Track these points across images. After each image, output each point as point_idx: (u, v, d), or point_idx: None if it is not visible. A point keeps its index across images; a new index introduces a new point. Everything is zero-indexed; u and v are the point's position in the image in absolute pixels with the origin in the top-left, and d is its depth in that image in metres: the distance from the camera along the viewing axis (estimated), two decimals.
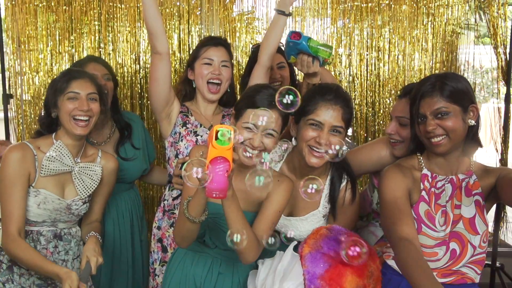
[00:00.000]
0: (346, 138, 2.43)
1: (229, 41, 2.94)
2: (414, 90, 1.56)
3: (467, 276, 1.54)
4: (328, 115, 1.61)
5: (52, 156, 1.74)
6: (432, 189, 1.55)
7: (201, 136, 2.02)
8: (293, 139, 1.78)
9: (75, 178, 1.78)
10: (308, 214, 1.75)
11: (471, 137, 1.52)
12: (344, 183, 1.75)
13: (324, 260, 1.55)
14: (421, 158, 1.60)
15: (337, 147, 1.54)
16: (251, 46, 3.00)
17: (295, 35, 1.90)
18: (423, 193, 1.55)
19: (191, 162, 1.24)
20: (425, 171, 1.57)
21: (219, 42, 2.06)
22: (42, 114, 1.85)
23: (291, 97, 1.45)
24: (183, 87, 2.14)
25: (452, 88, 1.46)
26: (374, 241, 2.04)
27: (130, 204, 2.24)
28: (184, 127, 2.03)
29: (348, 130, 1.72)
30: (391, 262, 1.63)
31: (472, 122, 1.50)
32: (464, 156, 1.57)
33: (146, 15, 1.88)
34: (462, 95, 1.47)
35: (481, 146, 1.57)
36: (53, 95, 1.78)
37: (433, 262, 1.52)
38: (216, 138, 1.21)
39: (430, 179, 1.56)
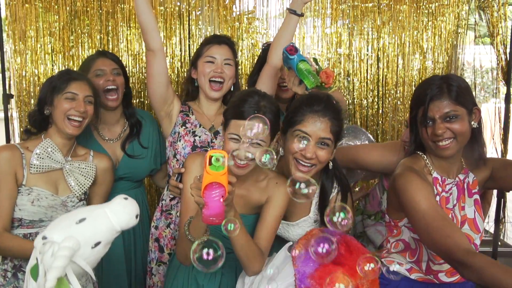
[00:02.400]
0: (363, 130, 2.39)
1: None
2: (417, 93, 1.54)
3: None
4: (315, 127, 1.55)
5: (39, 153, 1.75)
6: (443, 193, 1.54)
7: (199, 137, 2.01)
8: (280, 149, 1.76)
9: (67, 176, 1.79)
10: (299, 220, 1.75)
11: (475, 140, 1.52)
12: (334, 193, 1.71)
13: (314, 260, 1.55)
14: (426, 158, 1.57)
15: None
16: (251, 45, 3.00)
17: (292, 49, 1.81)
18: (438, 197, 1.53)
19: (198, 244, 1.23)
20: (435, 174, 1.55)
21: (222, 40, 2.05)
22: (33, 110, 1.87)
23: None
24: (186, 86, 2.13)
25: (458, 89, 1.45)
26: (381, 240, 2.04)
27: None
28: (184, 127, 2.02)
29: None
30: (397, 268, 1.62)
31: (475, 125, 1.50)
32: (479, 161, 1.56)
33: (138, 10, 1.87)
34: (467, 96, 1.47)
35: (484, 155, 1.56)
36: (51, 93, 1.80)
37: (441, 264, 1.53)
38: (210, 163, 1.20)
39: (440, 183, 1.55)
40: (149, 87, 2.02)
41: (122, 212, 1.20)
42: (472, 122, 1.49)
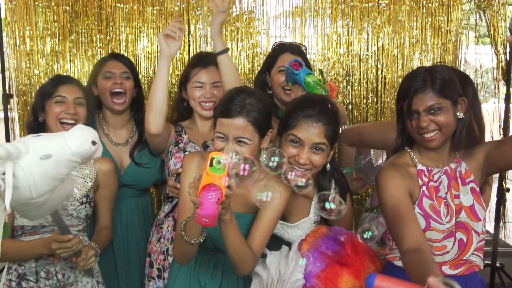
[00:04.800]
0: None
1: (229, 40, 2.95)
2: (403, 85, 1.55)
3: (475, 264, 1.55)
4: (308, 132, 1.54)
5: None
6: (431, 183, 1.56)
7: (189, 152, 2.00)
8: None
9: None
10: (299, 222, 1.74)
11: (461, 131, 1.53)
12: (333, 195, 1.68)
13: (321, 259, 1.55)
14: (413, 153, 1.59)
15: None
16: (251, 45, 3.00)
17: (296, 64, 1.81)
18: (423, 188, 1.55)
19: None
20: (420, 166, 1.57)
21: (209, 61, 2.01)
22: (30, 120, 1.90)
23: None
24: (177, 106, 2.13)
25: (442, 81, 1.47)
26: (382, 231, 2.05)
27: (137, 210, 2.20)
28: (176, 147, 2.02)
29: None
30: (400, 263, 1.62)
31: (461, 115, 1.51)
32: (456, 150, 1.57)
33: (158, 87, 1.83)
34: (452, 88, 1.49)
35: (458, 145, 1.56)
36: (41, 99, 1.83)
37: (442, 255, 1.53)
38: (211, 165, 1.20)
39: (427, 173, 1.56)
40: (151, 145, 2.06)
41: (77, 133, 1.27)
42: (458, 113, 1.50)
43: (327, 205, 1.50)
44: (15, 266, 1.74)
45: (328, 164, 1.64)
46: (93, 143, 1.29)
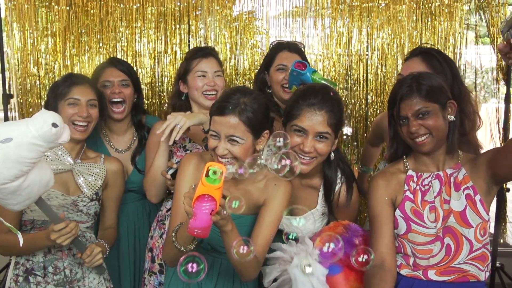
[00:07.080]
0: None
1: (229, 40, 2.96)
2: (391, 93, 1.58)
3: (470, 274, 1.51)
4: (312, 121, 1.55)
5: (47, 156, 1.75)
6: (418, 187, 1.57)
7: (190, 151, 2.00)
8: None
9: (76, 177, 1.80)
10: (307, 214, 1.74)
11: (453, 134, 1.54)
12: (339, 184, 1.71)
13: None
14: (407, 161, 1.63)
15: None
16: (251, 45, 3.00)
17: (300, 65, 1.82)
18: (407, 193, 1.57)
19: None
20: (410, 172, 1.60)
21: (208, 52, 2.04)
22: None
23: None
24: (173, 101, 2.12)
25: (428, 86, 1.49)
26: None
27: (145, 213, 2.20)
28: (174, 144, 2.00)
29: (347, 131, 1.69)
30: (404, 272, 1.62)
31: (452, 118, 1.53)
32: (450, 153, 1.58)
33: (160, 164, 1.87)
34: (438, 92, 1.51)
35: (479, 147, 1.58)
36: (54, 99, 1.82)
37: (427, 259, 1.52)
38: (207, 175, 1.19)
39: (415, 179, 1.58)
40: None
41: (38, 116, 1.30)
42: (448, 116, 1.53)
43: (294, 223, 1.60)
44: (22, 261, 1.75)
45: (333, 153, 1.66)
46: (54, 125, 1.30)
